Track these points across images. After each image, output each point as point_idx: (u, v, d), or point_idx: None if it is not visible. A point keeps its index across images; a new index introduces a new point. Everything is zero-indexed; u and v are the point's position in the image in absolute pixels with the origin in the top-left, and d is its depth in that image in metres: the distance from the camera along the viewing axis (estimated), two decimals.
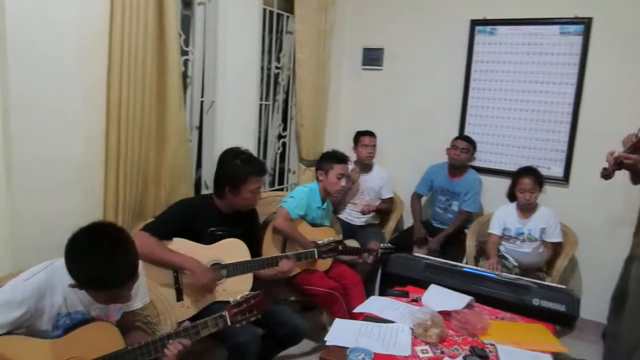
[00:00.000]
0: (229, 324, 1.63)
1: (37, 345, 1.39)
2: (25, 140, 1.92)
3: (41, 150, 1.98)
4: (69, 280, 1.40)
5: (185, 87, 2.80)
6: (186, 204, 2.28)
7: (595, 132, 3.23)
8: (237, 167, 2.22)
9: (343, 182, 2.91)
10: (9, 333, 1.39)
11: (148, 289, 1.80)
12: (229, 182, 2.22)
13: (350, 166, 3.40)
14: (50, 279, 1.45)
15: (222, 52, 2.90)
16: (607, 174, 2.42)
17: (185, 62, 2.75)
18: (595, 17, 3.20)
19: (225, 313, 1.63)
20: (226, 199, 2.27)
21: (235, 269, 2.23)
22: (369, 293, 3.01)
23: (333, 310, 2.68)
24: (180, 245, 2.15)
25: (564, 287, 2.49)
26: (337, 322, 2.11)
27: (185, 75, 2.81)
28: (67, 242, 1.38)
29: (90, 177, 2.19)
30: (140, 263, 1.69)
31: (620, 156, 2.33)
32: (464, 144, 3.48)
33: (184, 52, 2.73)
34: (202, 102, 2.92)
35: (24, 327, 1.43)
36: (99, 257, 1.35)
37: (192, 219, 2.20)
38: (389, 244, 3.04)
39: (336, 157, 2.94)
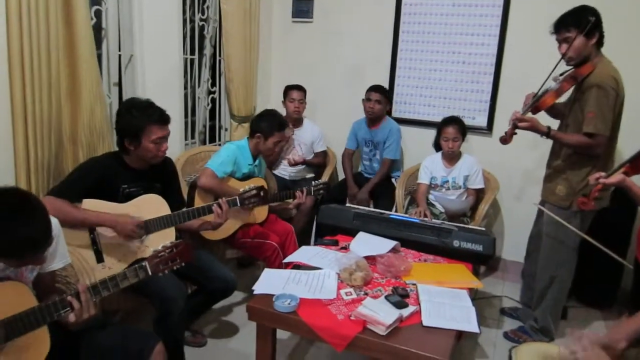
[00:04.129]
0: (150, 273, 1.59)
1: None
2: None
3: None
4: None
5: (100, 40, 2.64)
6: (93, 162, 2.13)
7: (516, 83, 3.30)
8: (133, 117, 2.06)
9: (278, 149, 2.91)
10: None
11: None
12: (128, 134, 2.08)
13: None
14: None
15: (137, 2, 2.73)
16: (504, 139, 2.44)
17: (98, 13, 2.58)
18: None
19: (146, 263, 1.59)
20: (130, 154, 2.15)
21: (156, 224, 2.14)
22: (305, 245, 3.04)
23: (269, 260, 2.69)
24: (93, 206, 2.02)
25: (482, 229, 2.63)
26: (266, 271, 2.14)
27: (99, 27, 2.64)
28: None
29: None
30: (58, 224, 1.62)
31: (516, 118, 2.36)
32: (377, 95, 3.48)
33: (96, 2, 2.55)
34: (119, 56, 2.77)
35: None
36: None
37: (101, 178, 2.06)
38: (320, 182, 3.02)
39: (280, 125, 2.87)
